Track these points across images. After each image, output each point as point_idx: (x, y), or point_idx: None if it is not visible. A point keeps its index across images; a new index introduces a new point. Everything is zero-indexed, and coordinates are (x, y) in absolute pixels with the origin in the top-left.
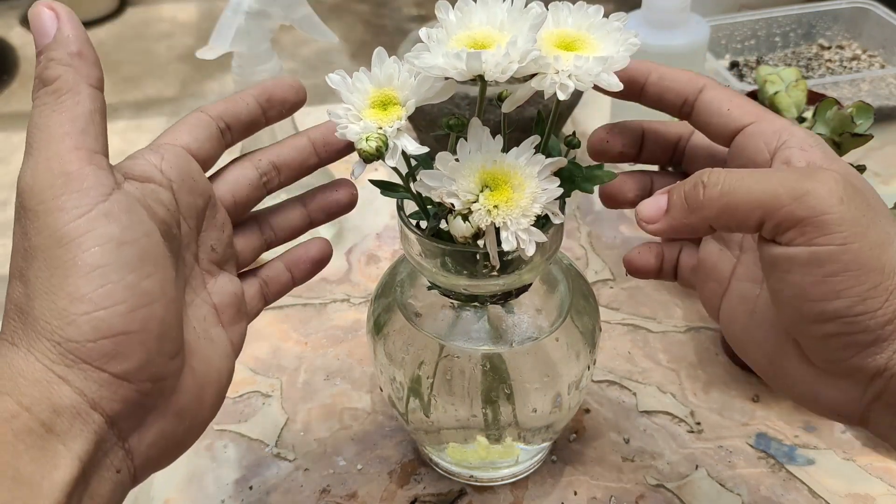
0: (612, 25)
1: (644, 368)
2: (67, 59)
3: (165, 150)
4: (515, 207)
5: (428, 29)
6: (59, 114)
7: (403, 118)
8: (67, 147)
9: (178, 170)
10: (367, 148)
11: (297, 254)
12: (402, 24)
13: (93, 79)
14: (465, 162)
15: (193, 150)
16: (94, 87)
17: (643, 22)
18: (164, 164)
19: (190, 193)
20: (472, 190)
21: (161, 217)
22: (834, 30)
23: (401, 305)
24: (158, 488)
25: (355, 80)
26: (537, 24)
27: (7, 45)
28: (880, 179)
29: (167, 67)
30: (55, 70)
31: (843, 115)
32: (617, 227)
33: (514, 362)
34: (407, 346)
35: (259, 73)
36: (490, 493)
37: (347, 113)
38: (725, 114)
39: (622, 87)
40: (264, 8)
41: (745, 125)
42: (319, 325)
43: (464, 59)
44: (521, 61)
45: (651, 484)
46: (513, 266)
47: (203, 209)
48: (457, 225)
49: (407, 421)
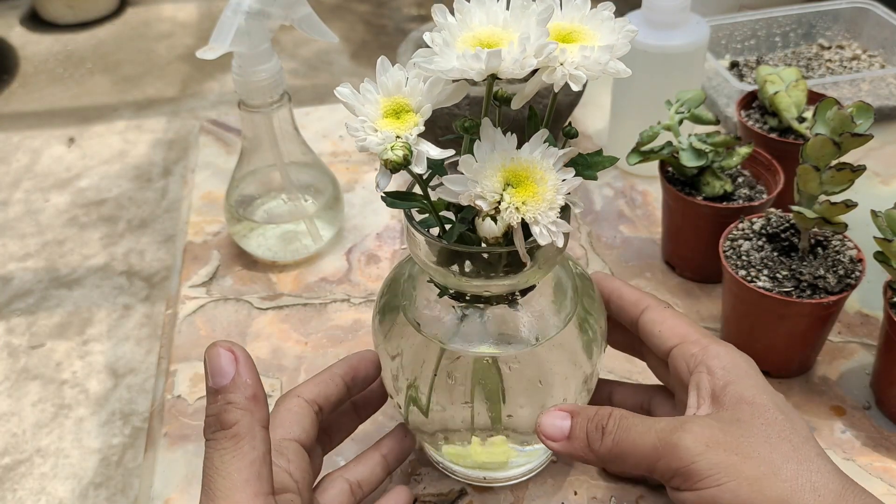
0: (604, 15)
1: (644, 368)
2: (245, 404)
3: (289, 451)
4: (542, 201)
5: (430, 33)
6: (239, 460)
7: (420, 124)
8: (248, 495)
9: (301, 471)
10: (394, 157)
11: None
12: (402, 24)
13: (265, 420)
14: (485, 162)
15: (304, 441)
16: (265, 428)
17: (643, 22)
18: (292, 467)
19: (307, 489)
20: (496, 189)
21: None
22: (834, 30)
23: (405, 307)
24: (158, 488)
25: (364, 92)
26: (545, 18)
27: (7, 45)
28: (880, 179)
29: (167, 67)
30: (234, 415)
31: (843, 115)
32: (617, 227)
33: (521, 364)
34: (411, 348)
35: (259, 73)
36: (490, 493)
37: (363, 125)
38: (657, 334)
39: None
40: (264, 8)
41: (672, 346)
42: (319, 325)
43: (483, 58)
44: (537, 55)
45: (651, 484)
46: (525, 264)
47: (312, 498)
48: (486, 227)
49: (407, 421)
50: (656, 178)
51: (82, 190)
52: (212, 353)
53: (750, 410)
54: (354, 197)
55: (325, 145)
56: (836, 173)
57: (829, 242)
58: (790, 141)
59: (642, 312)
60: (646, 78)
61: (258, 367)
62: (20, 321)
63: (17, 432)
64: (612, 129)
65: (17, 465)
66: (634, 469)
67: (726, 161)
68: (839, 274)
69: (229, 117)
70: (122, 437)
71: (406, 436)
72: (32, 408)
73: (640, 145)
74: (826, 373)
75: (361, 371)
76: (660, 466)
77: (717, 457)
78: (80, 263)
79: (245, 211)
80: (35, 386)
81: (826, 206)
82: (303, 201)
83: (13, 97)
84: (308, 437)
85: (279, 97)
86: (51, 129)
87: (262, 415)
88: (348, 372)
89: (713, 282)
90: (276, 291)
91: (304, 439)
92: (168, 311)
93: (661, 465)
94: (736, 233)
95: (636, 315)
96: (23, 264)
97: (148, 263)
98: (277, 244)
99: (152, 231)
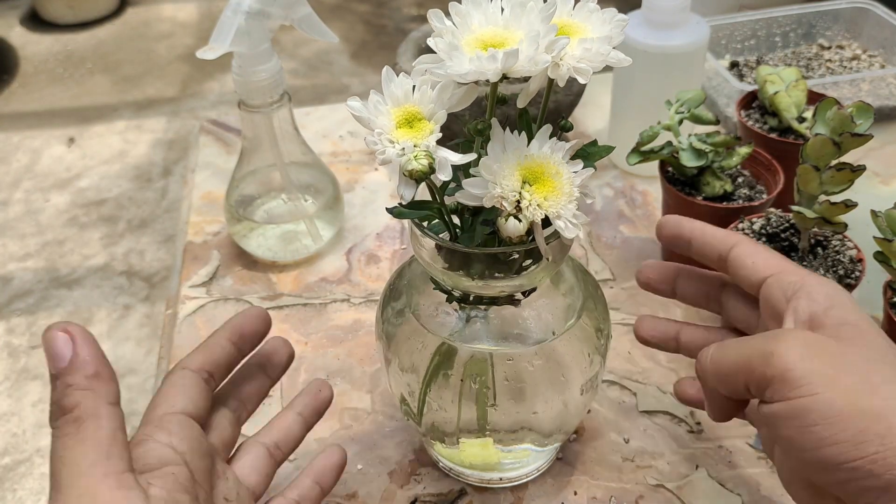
0: (590, 7)
1: (644, 368)
2: (86, 384)
3: (171, 424)
4: (561, 195)
5: (433, 38)
6: (83, 444)
7: (437, 131)
8: (96, 478)
9: (187, 441)
10: (419, 167)
11: (320, 464)
12: (402, 24)
13: (111, 396)
14: (501, 163)
15: (191, 411)
16: (113, 404)
17: (643, 22)
18: (174, 439)
19: (201, 458)
20: (516, 188)
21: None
22: (834, 30)
23: (409, 308)
24: None
25: (374, 104)
26: (549, 15)
27: (7, 45)
28: (880, 179)
29: (167, 67)
30: (73, 397)
31: (843, 115)
32: (617, 227)
33: (527, 364)
34: (416, 349)
35: (259, 73)
36: (490, 493)
37: (380, 137)
38: (750, 266)
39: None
40: (264, 8)
41: (767, 276)
42: (319, 325)
43: (500, 59)
44: (548, 51)
45: (651, 484)
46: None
47: (210, 467)
48: (511, 226)
49: (419, 422)
50: (656, 178)
51: (82, 190)
52: (47, 336)
53: (852, 331)
54: (354, 197)
55: (325, 145)
56: (836, 173)
57: (829, 242)
58: (790, 141)
59: (732, 247)
60: (646, 78)
61: None
62: (20, 321)
63: (17, 432)
64: (612, 129)
65: (18, 464)
66: (732, 390)
67: (726, 161)
68: (839, 274)
69: (229, 117)
70: None
71: (321, 389)
72: (32, 408)
73: (640, 145)
74: None
75: (248, 328)
76: (755, 377)
77: (813, 365)
78: (80, 263)
79: (245, 211)
80: (35, 386)
81: (826, 206)
82: (303, 201)
83: (13, 97)
84: (197, 406)
85: (279, 97)
86: (51, 129)
87: (108, 390)
88: (234, 332)
89: None
90: (276, 291)
91: (191, 410)
92: (168, 311)
93: (756, 375)
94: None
95: (725, 250)
96: (23, 264)
97: (148, 263)
98: (277, 244)
99: (152, 231)
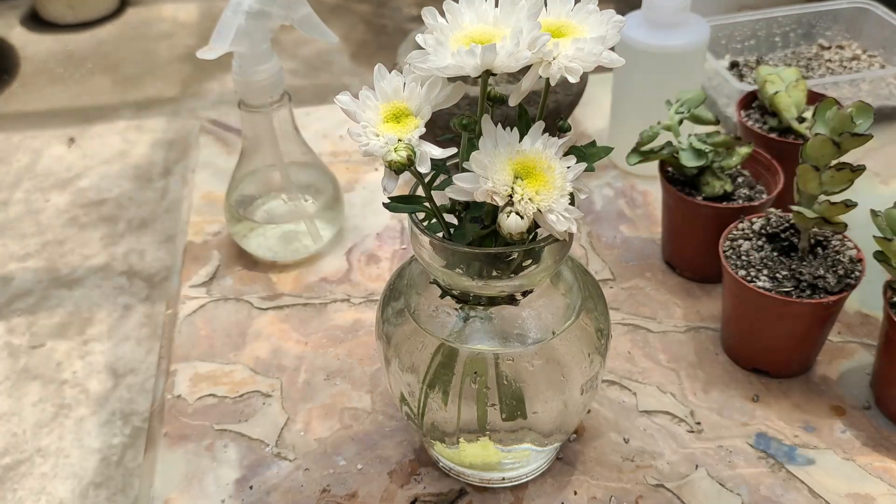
0: (589, 8)
1: (644, 368)
2: None
3: None
4: (553, 189)
5: (423, 35)
6: None
7: (421, 126)
8: None
9: None
10: (397, 158)
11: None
12: (402, 24)
13: None
14: (492, 158)
15: None
16: None
17: (643, 22)
18: None
19: None
20: (507, 182)
21: None
22: (834, 30)
23: (408, 309)
24: (158, 488)
25: (363, 99)
26: (535, 13)
27: (7, 45)
28: (880, 179)
29: (167, 67)
30: None
31: (843, 115)
32: (617, 227)
33: (526, 364)
34: (416, 349)
35: (259, 73)
36: (490, 493)
37: (365, 130)
38: None
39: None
40: (264, 8)
41: None
42: (319, 325)
43: (478, 54)
44: (530, 48)
45: (651, 484)
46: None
47: None
48: (512, 223)
49: (419, 423)
50: (656, 178)
51: (82, 190)
52: None
53: None
54: (354, 197)
55: (325, 145)
56: (835, 173)
57: (829, 242)
58: (790, 141)
59: None
60: (646, 78)
61: (258, 368)
62: (20, 321)
63: (17, 432)
64: (612, 129)
65: (18, 464)
66: None
67: (726, 161)
68: (839, 274)
69: (229, 117)
70: (122, 437)
71: None
72: (33, 408)
73: (640, 145)
74: (826, 373)
75: None
76: None
77: None
78: (80, 263)
79: (245, 211)
80: (35, 386)
81: (826, 206)
82: (303, 201)
83: (13, 97)
84: None
85: (279, 97)
86: (51, 129)
87: None
88: None
89: (713, 282)
90: (277, 291)
91: None
92: (168, 311)
93: None
94: (736, 233)
95: None
96: (23, 264)
97: (148, 263)
98: (277, 244)
99: (152, 231)
